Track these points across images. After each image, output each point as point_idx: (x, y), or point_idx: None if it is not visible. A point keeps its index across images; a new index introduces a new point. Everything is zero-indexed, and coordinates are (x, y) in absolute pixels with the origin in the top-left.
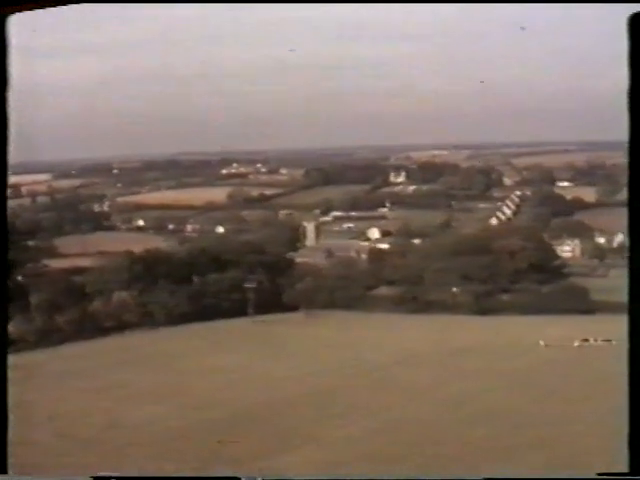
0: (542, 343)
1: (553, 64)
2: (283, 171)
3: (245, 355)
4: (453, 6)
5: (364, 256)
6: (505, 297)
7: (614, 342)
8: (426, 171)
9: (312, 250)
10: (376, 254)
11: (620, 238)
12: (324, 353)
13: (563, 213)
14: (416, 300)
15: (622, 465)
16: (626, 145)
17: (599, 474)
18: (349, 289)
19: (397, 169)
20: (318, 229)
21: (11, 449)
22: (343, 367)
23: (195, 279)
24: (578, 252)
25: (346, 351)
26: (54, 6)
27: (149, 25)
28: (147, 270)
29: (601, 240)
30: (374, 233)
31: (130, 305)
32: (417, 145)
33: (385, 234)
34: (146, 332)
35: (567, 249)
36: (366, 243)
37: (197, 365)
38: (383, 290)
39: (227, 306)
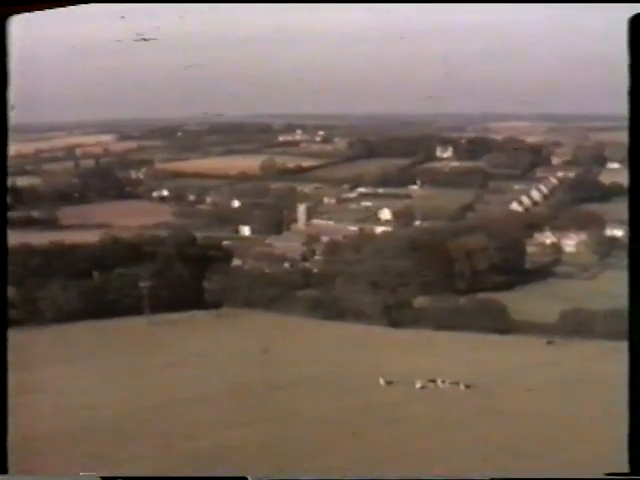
0: (382, 381)
1: None
2: (336, 140)
3: (87, 367)
4: None
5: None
6: (425, 306)
7: (462, 386)
8: (475, 146)
9: (295, 234)
10: (334, 246)
11: None
12: (175, 369)
13: (595, 199)
14: (335, 304)
15: None
16: None
17: (607, 474)
18: (279, 287)
19: (445, 143)
20: (310, 210)
21: None
22: (157, 394)
23: (96, 273)
24: (582, 247)
25: (197, 370)
26: (53, 7)
27: None
28: (48, 262)
29: (616, 233)
30: (385, 214)
31: (14, 300)
32: (498, 115)
33: (397, 215)
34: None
35: (570, 243)
36: (354, 227)
37: None
38: (311, 290)
39: (129, 303)
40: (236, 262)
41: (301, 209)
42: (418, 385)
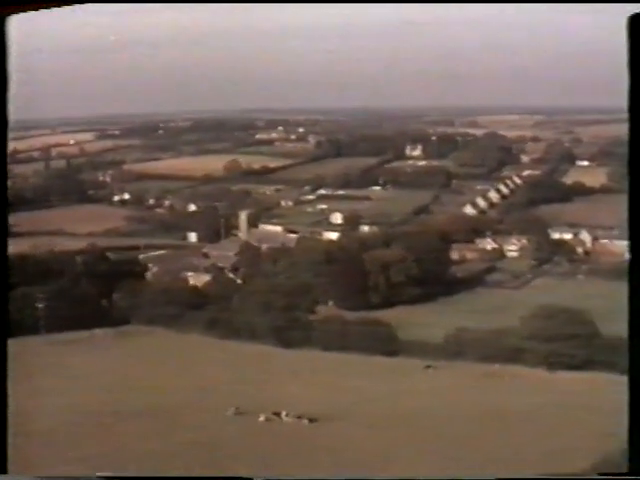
0: (230, 411)
1: None
2: (310, 139)
3: None
4: None
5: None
6: (318, 325)
7: (305, 421)
8: (445, 144)
9: (233, 242)
10: (254, 257)
11: (584, 235)
12: (39, 397)
13: (555, 200)
14: (232, 322)
15: None
16: None
17: (600, 474)
18: (185, 303)
19: (414, 142)
20: (251, 218)
21: None
22: None
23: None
24: (523, 253)
25: (59, 396)
26: (52, 7)
27: None
28: None
29: (563, 236)
30: (337, 218)
31: None
32: (488, 108)
33: (347, 220)
34: None
35: (512, 248)
36: (293, 235)
37: None
38: (214, 306)
39: (29, 323)
40: (153, 275)
41: (242, 216)
42: (262, 418)
